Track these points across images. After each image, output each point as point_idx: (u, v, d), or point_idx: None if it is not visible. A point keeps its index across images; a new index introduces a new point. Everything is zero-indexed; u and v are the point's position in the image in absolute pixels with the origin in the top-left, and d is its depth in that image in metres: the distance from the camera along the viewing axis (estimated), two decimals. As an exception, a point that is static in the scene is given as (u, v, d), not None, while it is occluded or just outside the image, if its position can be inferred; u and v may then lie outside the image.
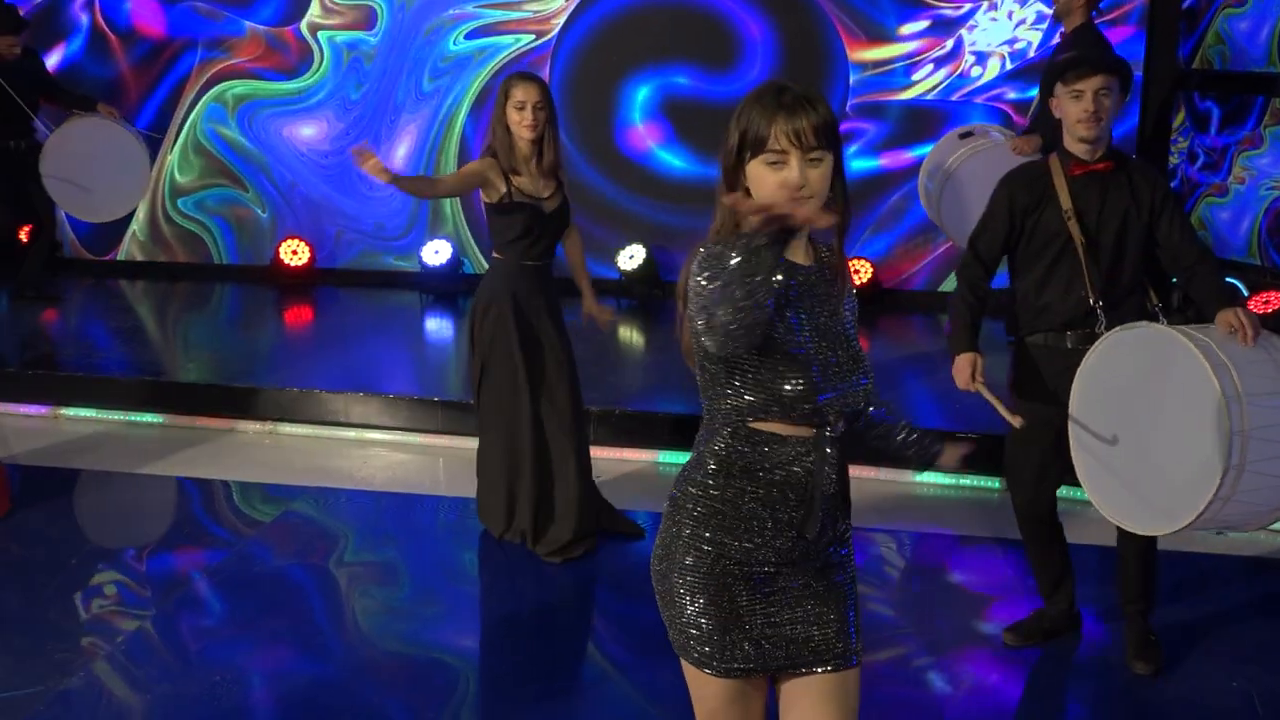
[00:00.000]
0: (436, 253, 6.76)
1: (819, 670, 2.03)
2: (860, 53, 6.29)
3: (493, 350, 4.02)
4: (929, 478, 4.57)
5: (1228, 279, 3.49)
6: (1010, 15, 6.10)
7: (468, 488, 4.27)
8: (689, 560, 2.01)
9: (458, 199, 6.75)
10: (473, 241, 6.92)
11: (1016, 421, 2.80)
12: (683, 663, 2.05)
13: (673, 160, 6.59)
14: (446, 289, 6.81)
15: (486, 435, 4.12)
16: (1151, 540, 3.10)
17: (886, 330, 6.24)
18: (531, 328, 4.00)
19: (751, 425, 1.97)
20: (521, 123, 3.81)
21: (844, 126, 6.17)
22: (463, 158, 6.75)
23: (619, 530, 4.18)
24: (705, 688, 2.06)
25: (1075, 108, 2.98)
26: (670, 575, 2.04)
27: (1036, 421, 2.96)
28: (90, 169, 5.89)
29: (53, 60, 6.95)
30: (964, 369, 3.03)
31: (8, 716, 3.04)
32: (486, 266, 4.29)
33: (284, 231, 7.04)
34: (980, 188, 4.83)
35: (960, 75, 6.22)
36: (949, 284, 6.06)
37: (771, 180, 1.84)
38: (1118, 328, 2.88)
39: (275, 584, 3.85)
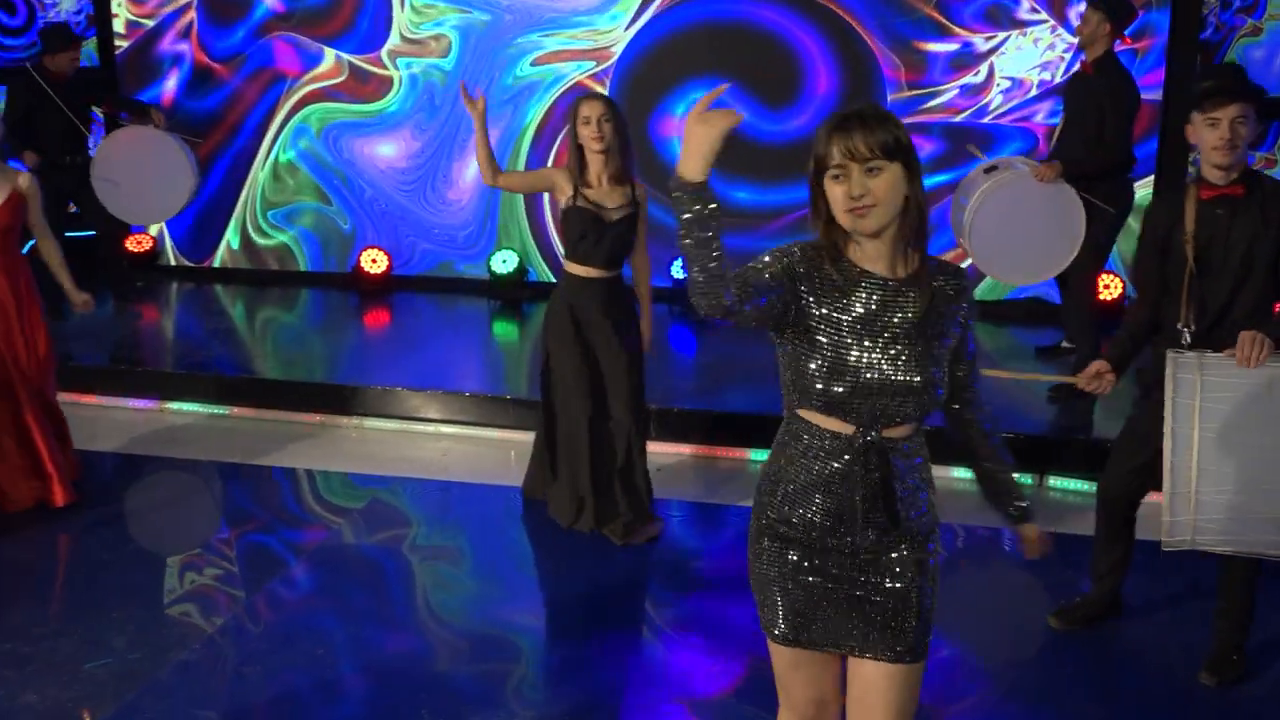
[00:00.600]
0: (504, 261, 7.15)
1: (869, 658, 2.15)
2: (899, 77, 6.56)
3: (555, 352, 4.25)
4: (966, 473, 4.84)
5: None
6: (1036, 42, 6.36)
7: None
8: (754, 533, 2.22)
9: (524, 213, 7.19)
10: (537, 252, 7.30)
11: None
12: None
13: (723, 183, 6.98)
14: (512, 295, 7.18)
15: (546, 430, 4.35)
16: (1257, 564, 3.20)
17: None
18: (589, 332, 4.17)
19: (797, 411, 2.13)
20: (589, 136, 4.02)
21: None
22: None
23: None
24: (772, 651, 2.26)
25: (1211, 135, 3.01)
26: (748, 547, 2.24)
27: (1153, 426, 3.09)
28: (137, 174, 6.30)
29: (153, 91, 7.43)
30: (1091, 370, 3.21)
31: (133, 681, 3.39)
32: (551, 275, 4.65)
33: (364, 242, 7.45)
34: (1006, 219, 5.17)
35: (991, 99, 6.47)
36: (981, 292, 6.47)
37: (837, 192, 2.00)
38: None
39: (362, 565, 4.23)
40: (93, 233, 6.99)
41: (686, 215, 1.90)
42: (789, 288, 2.02)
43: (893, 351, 2.01)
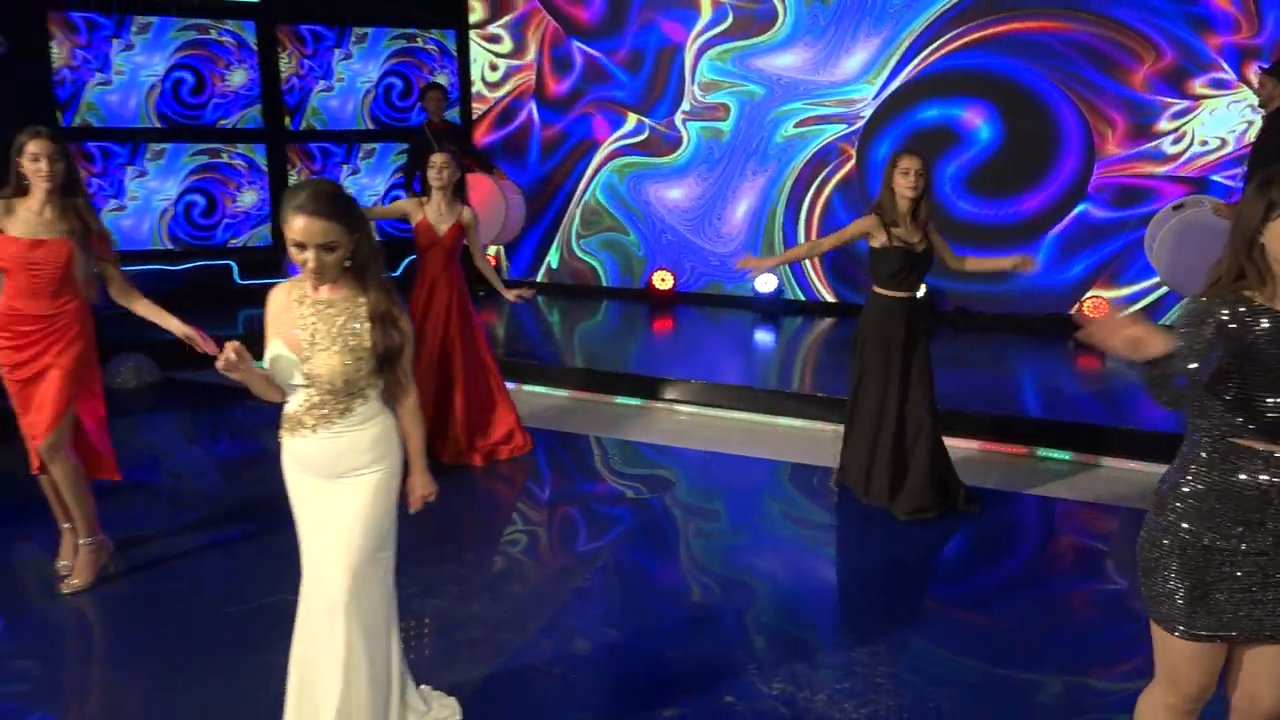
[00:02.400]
0: (765, 283, 8.57)
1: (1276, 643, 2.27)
2: (1112, 136, 7.50)
3: (868, 361, 4.73)
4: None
5: None
6: (1228, 106, 7.22)
7: (785, 454, 5.59)
8: (1166, 542, 2.29)
9: (780, 245, 8.52)
10: (791, 277, 8.66)
11: None
12: (1151, 622, 2.38)
13: (965, 207, 7.93)
14: (771, 310, 8.48)
15: (855, 422, 4.84)
16: None
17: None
18: (900, 345, 4.64)
19: (1231, 440, 2.21)
20: (905, 185, 4.46)
21: (1092, 197, 7.58)
22: (787, 217, 8.50)
23: (961, 506, 4.79)
24: (1169, 646, 2.34)
25: None
26: (1153, 553, 2.31)
27: None
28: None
29: (498, 143, 9.29)
30: None
31: (544, 605, 4.13)
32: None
33: (654, 264, 8.93)
34: (1193, 247, 6.06)
35: (1193, 155, 7.32)
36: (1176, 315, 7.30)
37: None
38: None
39: (659, 513, 4.91)
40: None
41: (1157, 374, 2.10)
42: (1225, 346, 2.14)
43: None
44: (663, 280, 8.94)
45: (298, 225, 2.56)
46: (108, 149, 8.19)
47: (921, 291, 4.86)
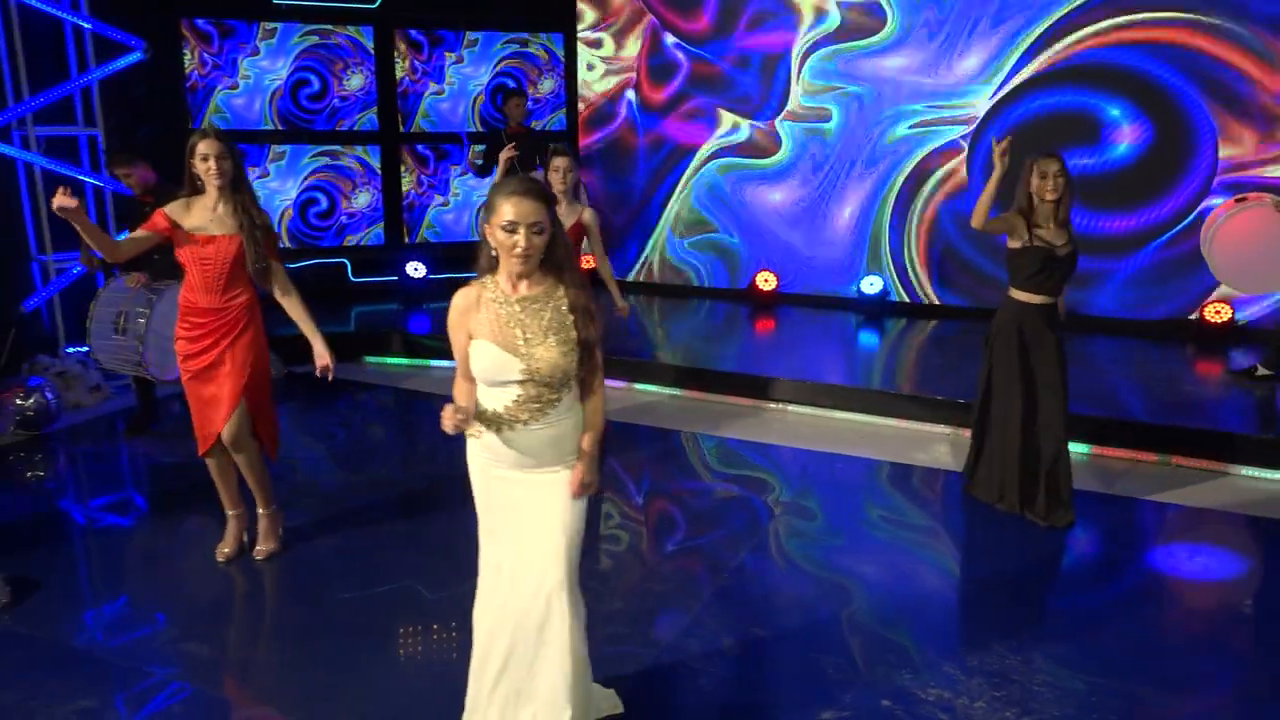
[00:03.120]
0: (871, 284, 8.50)
1: None
2: (1231, 139, 7.38)
3: (999, 362, 4.68)
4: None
5: None
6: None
7: (901, 455, 5.64)
8: None
9: (886, 249, 8.54)
10: (897, 279, 8.56)
11: None
12: None
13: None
14: (876, 311, 8.43)
15: (984, 426, 4.83)
16: None
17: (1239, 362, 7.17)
18: (1033, 349, 4.58)
19: None
20: (1046, 188, 4.45)
21: (1208, 201, 7.37)
22: (892, 223, 8.37)
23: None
24: None
25: None
26: None
27: None
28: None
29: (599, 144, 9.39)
30: None
31: (680, 600, 4.41)
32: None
33: (758, 265, 8.94)
34: (1245, 240, 5.81)
35: None
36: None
37: None
38: None
39: (782, 515, 4.94)
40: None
41: None
42: None
43: None
44: (766, 281, 8.94)
45: (511, 206, 2.69)
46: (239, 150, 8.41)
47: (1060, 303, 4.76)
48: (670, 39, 9.04)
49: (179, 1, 7.90)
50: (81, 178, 6.65)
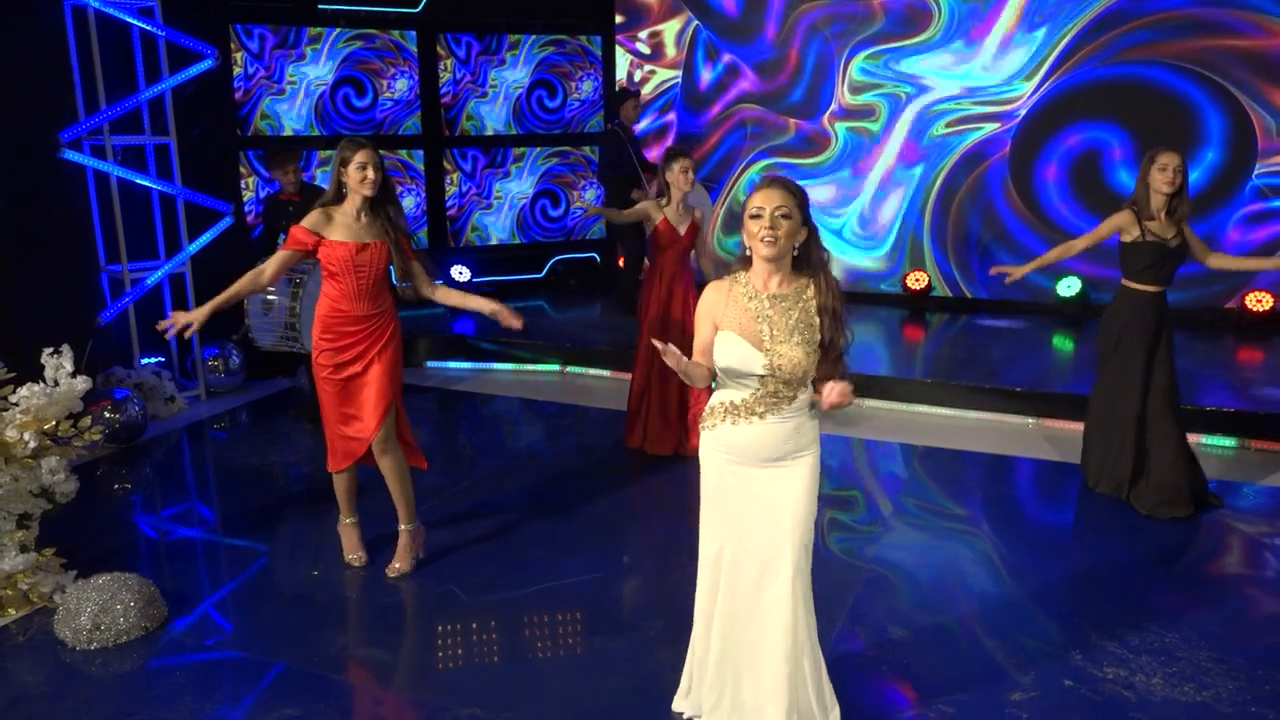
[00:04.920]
0: (916, 280, 8.67)
1: None
2: (1264, 134, 7.62)
3: (1113, 353, 4.82)
4: None
5: None
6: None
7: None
8: None
9: (928, 246, 8.70)
10: (939, 275, 8.73)
11: None
12: None
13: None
14: (920, 307, 8.61)
15: (1094, 416, 4.95)
16: None
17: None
18: (1147, 340, 4.71)
19: None
20: (1163, 181, 4.57)
21: (1252, 188, 7.61)
22: (934, 218, 8.55)
23: (1206, 501, 4.86)
24: None
25: None
26: None
27: None
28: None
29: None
30: None
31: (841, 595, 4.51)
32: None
33: None
34: None
35: None
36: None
37: None
38: None
39: (901, 506, 5.20)
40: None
41: None
42: None
43: None
44: (811, 278, 9.01)
45: (759, 194, 2.83)
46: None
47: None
48: (714, 38, 9.10)
49: (232, 8, 7.83)
50: (150, 184, 6.59)
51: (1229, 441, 5.83)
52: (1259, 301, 7.74)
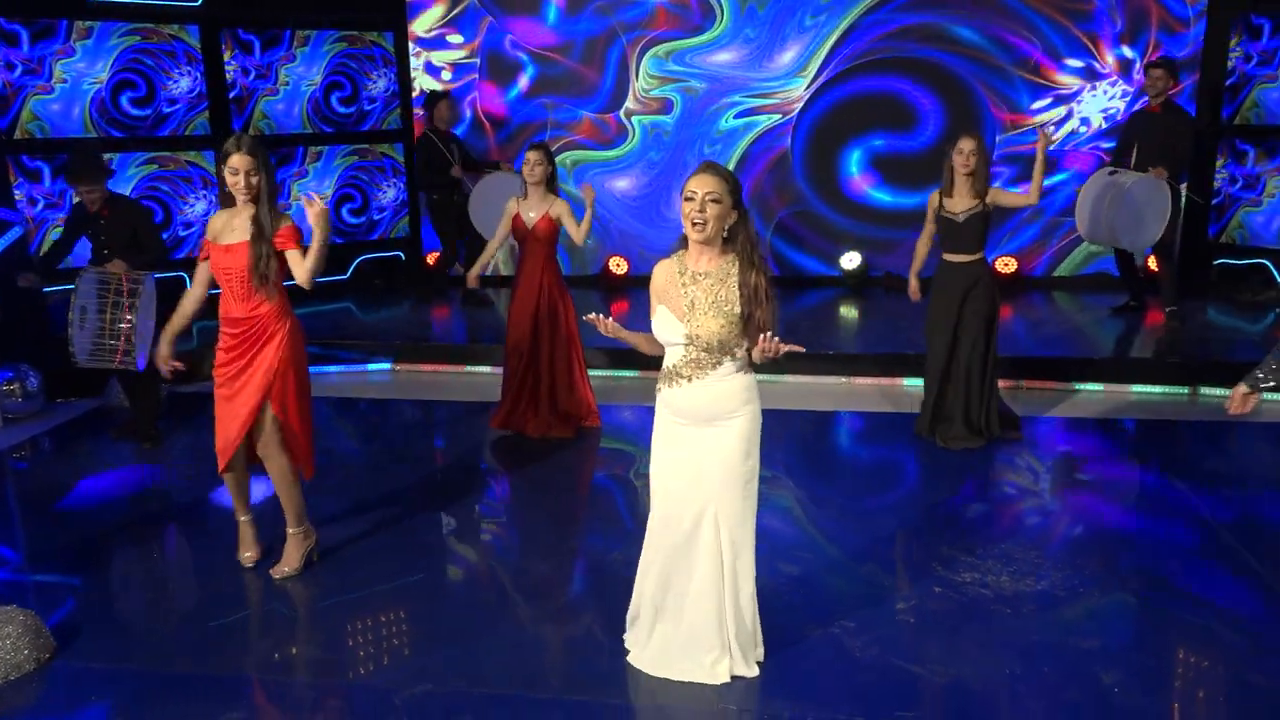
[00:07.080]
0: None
1: None
2: (1003, 118, 8.73)
3: (930, 314, 5.54)
4: None
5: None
6: (1105, 93, 8.60)
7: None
8: None
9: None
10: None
11: None
12: None
13: (880, 196, 9.00)
14: None
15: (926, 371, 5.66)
16: None
17: (1033, 304, 8.58)
18: (954, 301, 5.37)
19: None
20: (960, 164, 5.24)
21: (994, 169, 8.73)
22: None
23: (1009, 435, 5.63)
24: None
25: None
26: None
27: None
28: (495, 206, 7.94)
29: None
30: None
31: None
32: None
33: (607, 252, 9.39)
34: (1142, 203, 6.76)
35: (1071, 133, 8.71)
36: (1061, 269, 8.66)
37: None
38: None
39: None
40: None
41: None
42: None
43: None
44: (618, 266, 9.43)
45: (694, 179, 3.12)
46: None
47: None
48: (509, 32, 9.26)
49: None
50: None
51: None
52: (1006, 265, 8.88)
